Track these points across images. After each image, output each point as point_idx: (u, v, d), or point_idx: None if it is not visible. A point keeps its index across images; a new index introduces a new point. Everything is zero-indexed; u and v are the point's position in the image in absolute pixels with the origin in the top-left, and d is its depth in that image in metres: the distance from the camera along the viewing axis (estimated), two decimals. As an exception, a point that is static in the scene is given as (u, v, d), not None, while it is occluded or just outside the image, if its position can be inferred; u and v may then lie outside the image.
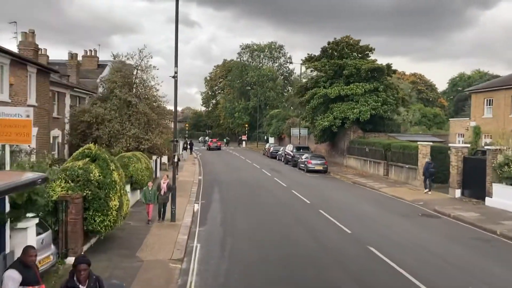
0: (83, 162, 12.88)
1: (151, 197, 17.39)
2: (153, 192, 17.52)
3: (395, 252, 14.04)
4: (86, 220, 12.35)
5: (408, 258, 13.43)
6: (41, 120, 23.48)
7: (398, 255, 13.61)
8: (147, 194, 17.43)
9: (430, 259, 13.50)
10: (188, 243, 15.05)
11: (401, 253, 13.96)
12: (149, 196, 17.43)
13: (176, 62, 17.65)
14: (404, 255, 13.83)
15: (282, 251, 14.15)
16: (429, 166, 27.02)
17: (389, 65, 41.63)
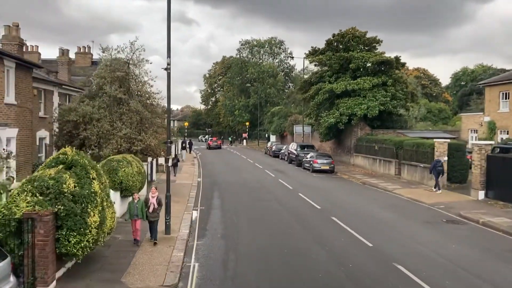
0: (56, 170, 10.69)
1: (138, 211, 14.23)
2: (140, 206, 14.26)
3: (426, 270, 11.94)
4: (58, 241, 10.17)
5: (442, 278, 11.32)
6: (22, 120, 21.29)
7: (430, 275, 11.52)
8: (132, 208, 14.23)
9: (468, 279, 11.37)
10: (185, 262, 12.88)
11: (434, 272, 11.82)
12: (135, 210, 14.26)
13: (169, 53, 15.45)
14: (437, 274, 11.70)
15: (296, 274, 11.97)
16: (437, 164, 25.52)
17: (398, 58, 39.40)
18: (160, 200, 14.72)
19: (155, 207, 14.50)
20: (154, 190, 14.76)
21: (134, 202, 14.34)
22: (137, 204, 14.27)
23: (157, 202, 14.55)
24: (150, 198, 14.54)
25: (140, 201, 14.31)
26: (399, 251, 13.77)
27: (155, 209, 14.51)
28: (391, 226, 17.31)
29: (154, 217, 14.52)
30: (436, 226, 17.52)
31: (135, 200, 14.41)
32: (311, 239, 15.24)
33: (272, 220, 18.35)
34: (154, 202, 14.47)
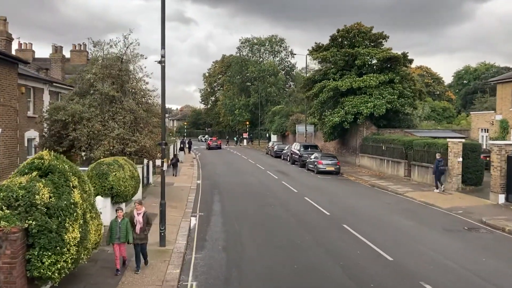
0: (28, 178, 9.06)
1: (121, 233, 11.36)
2: (124, 226, 11.40)
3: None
4: (29, 262, 8.54)
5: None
6: (6, 119, 19.70)
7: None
8: (115, 229, 11.37)
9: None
10: (181, 281, 11.27)
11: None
12: (118, 232, 11.38)
13: (163, 43, 13.82)
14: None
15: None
16: (439, 163, 25.04)
17: (405, 54, 37.74)
18: (149, 218, 12.02)
19: (141, 226, 11.69)
20: (139, 205, 11.83)
21: (118, 221, 11.43)
22: (121, 224, 11.41)
23: (144, 221, 11.74)
24: (135, 216, 11.72)
25: (124, 221, 11.48)
26: (424, 266, 12.15)
27: (142, 229, 11.70)
28: (410, 235, 15.68)
29: (142, 239, 11.69)
30: (459, 235, 15.90)
31: (119, 218, 11.48)
32: (323, 252, 13.61)
33: (279, 228, 16.72)
34: (140, 221, 11.68)
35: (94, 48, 22.16)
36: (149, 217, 12.01)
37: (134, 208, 11.98)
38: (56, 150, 20.23)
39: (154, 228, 15.95)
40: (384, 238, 15.17)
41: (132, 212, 12.14)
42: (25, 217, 8.49)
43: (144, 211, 11.83)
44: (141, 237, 11.70)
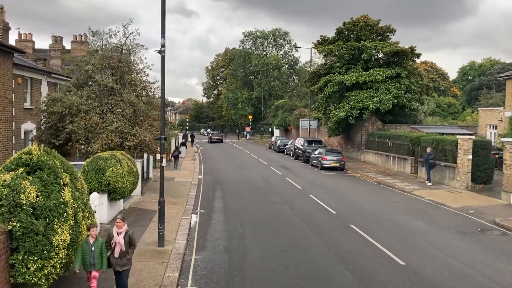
0: (13, 175, 8.31)
1: (95, 257, 9.05)
2: (98, 249, 9.08)
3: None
4: (13, 267, 7.83)
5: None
6: (0, 111, 18.93)
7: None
8: (87, 253, 9.00)
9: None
10: (180, 285, 10.58)
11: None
12: (90, 256, 9.03)
13: (163, 32, 13.02)
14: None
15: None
16: (428, 157, 26.19)
17: (413, 48, 36.77)
18: (132, 238, 9.58)
19: (123, 249, 9.37)
20: (120, 222, 9.44)
21: (89, 243, 9.07)
22: (94, 246, 9.06)
23: (126, 242, 9.42)
24: (114, 235, 9.39)
25: (98, 242, 9.16)
26: (439, 272, 11.39)
27: (123, 252, 9.38)
28: (421, 237, 14.91)
29: (123, 266, 9.38)
30: (472, 237, 15.14)
31: (91, 239, 9.13)
32: (331, 255, 12.85)
33: (283, 228, 15.98)
34: (121, 242, 9.32)
35: (93, 38, 21.37)
36: (132, 238, 9.58)
37: (115, 225, 9.57)
38: (52, 143, 19.63)
39: (152, 227, 15.30)
40: (394, 240, 14.42)
41: (110, 230, 9.80)
42: (9, 218, 7.75)
43: (126, 229, 9.52)
44: (122, 263, 9.35)
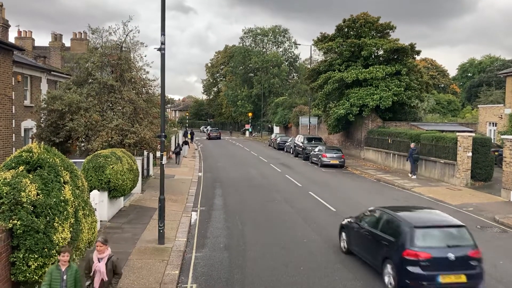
0: (13, 173, 8.32)
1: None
2: (72, 279, 7.54)
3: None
4: (14, 266, 7.85)
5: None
6: (0, 108, 18.91)
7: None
8: (57, 284, 7.43)
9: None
10: (180, 283, 10.59)
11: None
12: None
13: (163, 29, 13.02)
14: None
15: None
16: (413, 152, 27.90)
17: (413, 45, 36.73)
18: (116, 265, 8.10)
19: (105, 279, 7.95)
20: (102, 246, 8.04)
21: (61, 269, 7.50)
22: (67, 274, 7.49)
23: (109, 270, 8.00)
24: (95, 261, 8.03)
25: (72, 269, 7.58)
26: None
27: (105, 283, 7.97)
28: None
29: None
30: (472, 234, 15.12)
31: (62, 266, 7.52)
32: (331, 252, 12.89)
33: (283, 226, 16.01)
34: (102, 270, 7.94)
35: (92, 35, 21.34)
36: (117, 264, 8.10)
37: (95, 250, 8.21)
38: (52, 141, 19.63)
39: (153, 224, 15.33)
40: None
41: (90, 255, 8.32)
42: (9, 216, 7.76)
43: (109, 254, 8.09)
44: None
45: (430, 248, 9.70)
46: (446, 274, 9.49)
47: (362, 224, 11.93)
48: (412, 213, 11.51)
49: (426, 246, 9.70)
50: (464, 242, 10.11)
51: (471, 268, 9.65)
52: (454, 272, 9.56)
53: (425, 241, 9.82)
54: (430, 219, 11.01)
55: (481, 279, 9.75)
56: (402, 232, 10.10)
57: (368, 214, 12.22)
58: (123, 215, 16.69)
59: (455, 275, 9.54)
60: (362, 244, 11.75)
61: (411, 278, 9.53)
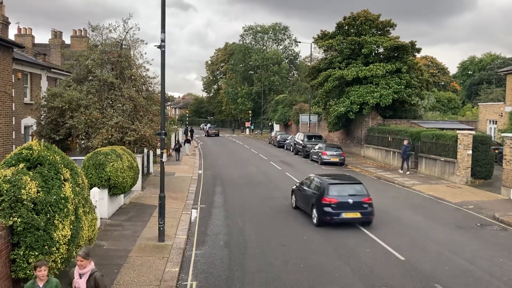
0: (13, 171, 8.32)
1: None
2: None
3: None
4: (14, 263, 7.86)
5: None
6: (0, 106, 18.90)
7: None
8: None
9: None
10: (180, 280, 10.59)
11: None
12: None
13: (163, 27, 13.00)
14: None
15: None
16: (406, 149, 28.58)
17: (413, 43, 36.70)
18: (99, 283, 7.28)
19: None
20: (83, 260, 7.18)
21: (37, 286, 6.97)
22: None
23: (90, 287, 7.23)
24: (75, 277, 7.27)
25: (52, 284, 7.04)
26: (439, 267, 11.42)
27: None
28: (422, 232, 14.94)
29: None
30: (472, 232, 15.16)
31: (40, 282, 6.98)
32: (331, 251, 12.89)
33: (283, 224, 16.01)
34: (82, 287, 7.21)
35: (92, 32, 21.33)
36: (99, 282, 7.27)
37: (76, 265, 7.35)
38: (52, 138, 19.64)
39: (153, 222, 15.34)
40: (393, 235, 14.46)
41: (71, 270, 7.50)
42: (10, 213, 7.77)
43: (92, 270, 7.31)
44: None
45: (338, 196, 15.16)
46: (347, 212, 15.06)
47: (302, 187, 17.54)
48: (330, 177, 17.19)
49: (335, 195, 15.17)
50: (360, 193, 15.50)
51: (363, 208, 15.14)
52: (352, 211, 15.11)
53: (335, 192, 15.29)
54: (340, 179, 16.97)
55: (371, 215, 15.23)
56: (322, 187, 15.66)
57: (306, 180, 17.85)
58: (123, 213, 16.70)
59: (353, 212, 15.12)
60: (301, 199, 17.47)
61: (326, 215, 15.00)
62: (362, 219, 15.17)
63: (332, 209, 14.88)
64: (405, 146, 28.66)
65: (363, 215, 15.10)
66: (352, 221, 15.19)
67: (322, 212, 15.08)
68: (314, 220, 15.52)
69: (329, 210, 14.91)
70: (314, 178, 17.02)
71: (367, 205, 15.21)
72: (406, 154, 28.51)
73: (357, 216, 15.10)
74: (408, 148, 28.66)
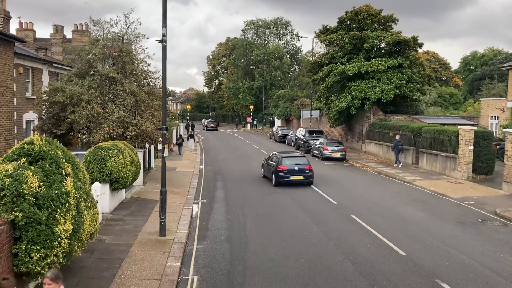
0: (15, 165, 8.34)
1: None
2: None
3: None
4: (17, 257, 7.89)
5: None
6: (1, 100, 18.92)
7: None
8: None
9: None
10: (182, 275, 10.63)
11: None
12: None
13: (165, 21, 12.97)
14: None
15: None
16: (398, 143, 29.88)
17: (415, 38, 36.59)
18: None
19: None
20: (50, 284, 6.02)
21: None
22: None
23: None
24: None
25: None
26: (440, 263, 11.45)
27: None
28: (422, 228, 14.96)
29: None
30: (473, 227, 15.18)
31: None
32: (331, 244, 12.93)
33: (284, 218, 16.05)
34: None
35: (94, 27, 21.30)
36: None
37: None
38: (54, 133, 19.67)
39: (154, 216, 15.39)
40: (394, 230, 14.48)
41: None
42: (12, 208, 7.79)
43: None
44: None
45: (288, 165, 22.09)
46: (294, 176, 21.90)
47: (267, 161, 24.20)
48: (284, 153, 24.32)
49: (286, 164, 22.10)
50: (303, 162, 22.63)
51: (305, 173, 22.02)
52: (297, 175, 21.93)
53: (286, 162, 22.18)
54: (290, 154, 24.50)
55: (311, 178, 22.11)
56: (278, 159, 22.50)
57: (270, 156, 24.73)
58: (125, 207, 16.74)
59: (298, 176, 21.96)
60: (266, 170, 24.17)
61: (280, 178, 21.98)
62: (305, 181, 22.10)
63: (283, 174, 21.92)
64: (397, 140, 29.87)
65: (305, 178, 22.09)
66: (297, 182, 22.03)
67: (277, 176, 22.00)
68: (273, 182, 22.39)
69: (282, 174, 21.92)
70: (275, 154, 23.81)
71: (308, 171, 22.11)
72: (398, 148, 29.68)
73: (301, 178, 22.06)
74: (399, 142, 29.74)
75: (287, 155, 23.32)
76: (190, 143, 38.35)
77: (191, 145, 38.43)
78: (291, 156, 23.32)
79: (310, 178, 22.10)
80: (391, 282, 10.17)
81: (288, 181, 21.84)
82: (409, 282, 10.19)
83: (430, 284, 10.09)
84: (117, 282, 9.75)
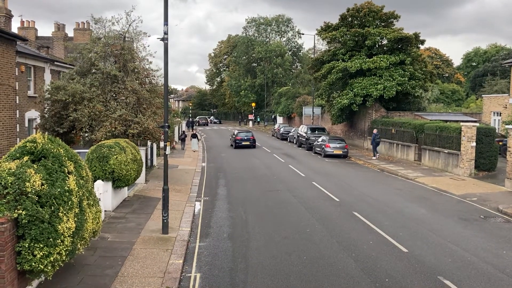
0: (18, 164, 8.36)
1: None
2: None
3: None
4: (20, 255, 7.91)
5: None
6: (3, 98, 18.99)
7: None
8: None
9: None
10: (184, 272, 10.65)
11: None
12: None
13: (166, 19, 12.96)
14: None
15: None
16: (375, 137, 32.70)
17: (417, 34, 36.52)
18: None
19: None
20: None
21: None
22: None
23: None
24: None
25: None
26: (442, 259, 11.45)
27: None
28: (424, 224, 14.96)
29: None
30: (475, 224, 15.17)
31: None
32: (334, 242, 12.93)
33: (286, 216, 16.05)
34: None
35: (95, 25, 21.32)
36: None
37: None
38: (56, 131, 19.71)
39: (157, 214, 15.41)
40: (397, 227, 14.47)
41: None
42: (15, 206, 7.80)
43: None
44: None
45: (240, 136, 40.89)
46: (243, 142, 40.34)
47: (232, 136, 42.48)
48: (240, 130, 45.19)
49: (240, 136, 40.80)
50: (250, 134, 41.27)
51: (250, 141, 40.47)
52: (245, 142, 40.26)
53: (240, 135, 41.04)
54: (242, 130, 47.04)
55: (254, 143, 40.76)
56: (236, 134, 41.55)
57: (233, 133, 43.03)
58: (127, 205, 16.78)
59: (246, 142, 40.32)
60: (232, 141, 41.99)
61: (236, 143, 40.44)
62: (250, 145, 39.65)
63: (238, 142, 39.67)
64: (374, 134, 32.83)
65: (250, 143, 39.69)
66: (245, 146, 39.65)
67: (235, 143, 39.74)
68: (233, 146, 39.63)
69: (238, 142, 39.74)
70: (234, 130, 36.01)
71: (252, 140, 39.82)
72: (376, 141, 32.52)
73: (248, 143, 39.48)
74: (377, 136, 32.75)
75: (240, 131, 42.99)
76: (193, 143, 37.67)
77: (195, 146, 37.36)
78: (242, 131, 43.10)
79: (254, 143, 40.44)
80: (393, 279, 10.17)
81: (241, 145, 39.73)
82: (412, 279, 10.19)
83: (433, 280, 10.09)
84: (120, 280, 9.78)
